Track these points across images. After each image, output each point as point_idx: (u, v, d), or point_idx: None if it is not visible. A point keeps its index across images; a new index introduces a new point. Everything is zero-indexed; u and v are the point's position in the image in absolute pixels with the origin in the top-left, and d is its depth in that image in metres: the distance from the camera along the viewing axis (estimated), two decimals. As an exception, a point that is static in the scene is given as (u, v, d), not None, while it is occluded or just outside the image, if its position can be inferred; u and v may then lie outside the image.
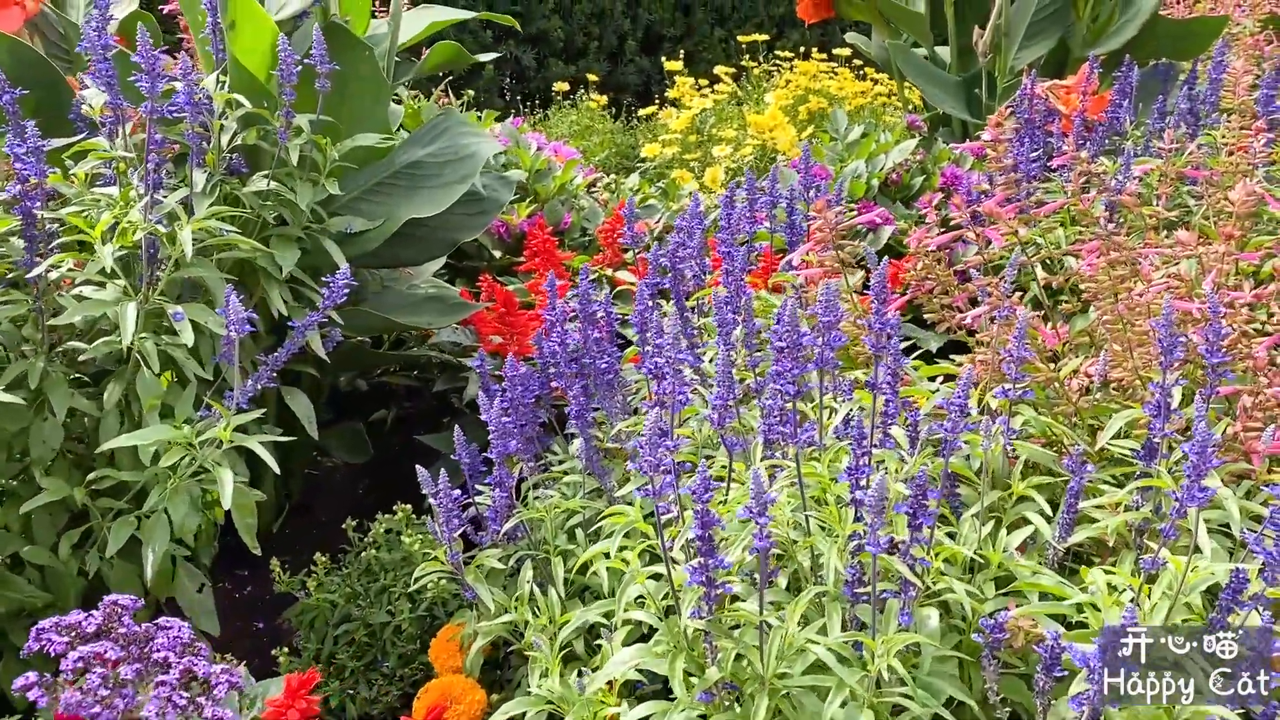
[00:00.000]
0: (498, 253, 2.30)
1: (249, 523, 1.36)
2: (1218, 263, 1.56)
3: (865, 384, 1.07)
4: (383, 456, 2.23)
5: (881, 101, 3.37)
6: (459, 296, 1.78)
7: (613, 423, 1.40)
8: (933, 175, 2.42)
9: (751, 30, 4.80)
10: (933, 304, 1.63)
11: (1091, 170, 1.83)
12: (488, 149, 1.58)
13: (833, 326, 1.12)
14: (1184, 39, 2.50)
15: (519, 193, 2.46)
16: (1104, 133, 2.26)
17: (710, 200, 2.75)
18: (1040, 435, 1.36)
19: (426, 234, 1.76)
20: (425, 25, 1.80)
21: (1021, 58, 2.63)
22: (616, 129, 3.53)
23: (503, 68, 4.16)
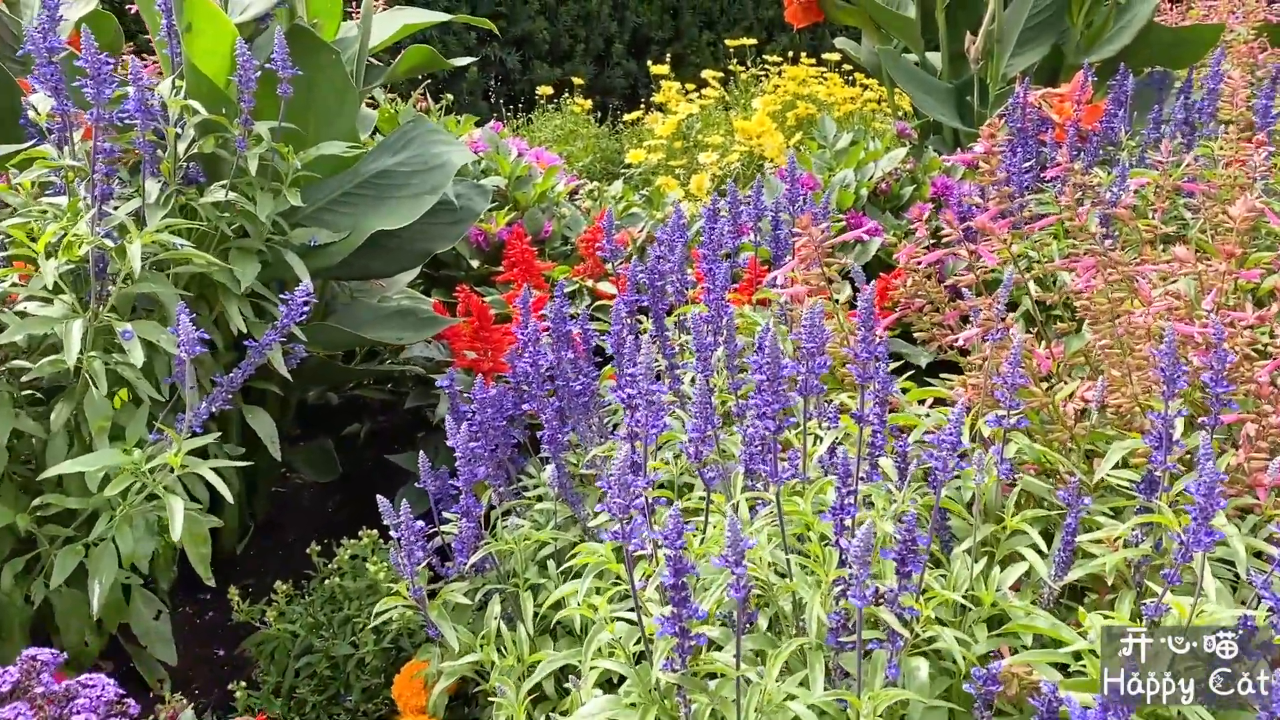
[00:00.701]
0: (475, 262, 2.23)
1: (203, 553, 1.29)
2: (1218, 281, 1.50)
3: (852, 415, 1.01)
4: (354, 472, 2.16)
5: (871, 108, 3.32)
6: (431, 310, 1.71)
7: (588, 448, 1.33)
8: (923, 185, 2.36)
9: (740, 34, 4.74)
10: (923, 322, 1.57)
11: (1086, 182, 1.77)
12: (459, 158, 1.51)
13: (817, 353, 1.06)
14: (1179, 47, 2.45)
15: (498, 200, 2.39)
16: (1099, 143, 2.21)
17: (694, 209, 2.69)
18: (1034, 463, 1.30)
19: (397, 245, 1.69)
20: (398, 28, 1.73)
21: (1014, 65, 2.57)
22: (601, 133, 3.46)
23: (487, 70, 4.09)
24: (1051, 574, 1.11)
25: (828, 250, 1.29)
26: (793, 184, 1.54)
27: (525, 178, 2.41)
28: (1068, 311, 1.67)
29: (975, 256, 1.35)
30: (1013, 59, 2.58)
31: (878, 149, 2.45)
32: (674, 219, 1.63)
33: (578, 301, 2.18)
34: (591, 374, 1.42)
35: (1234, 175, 1.92)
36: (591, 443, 1.33)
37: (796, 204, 1.53)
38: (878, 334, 1.23)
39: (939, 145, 2.77)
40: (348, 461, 2.21)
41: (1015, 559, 1.17)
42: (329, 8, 1.73)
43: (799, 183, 1.55)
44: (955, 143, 2.76)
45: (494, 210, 2.35)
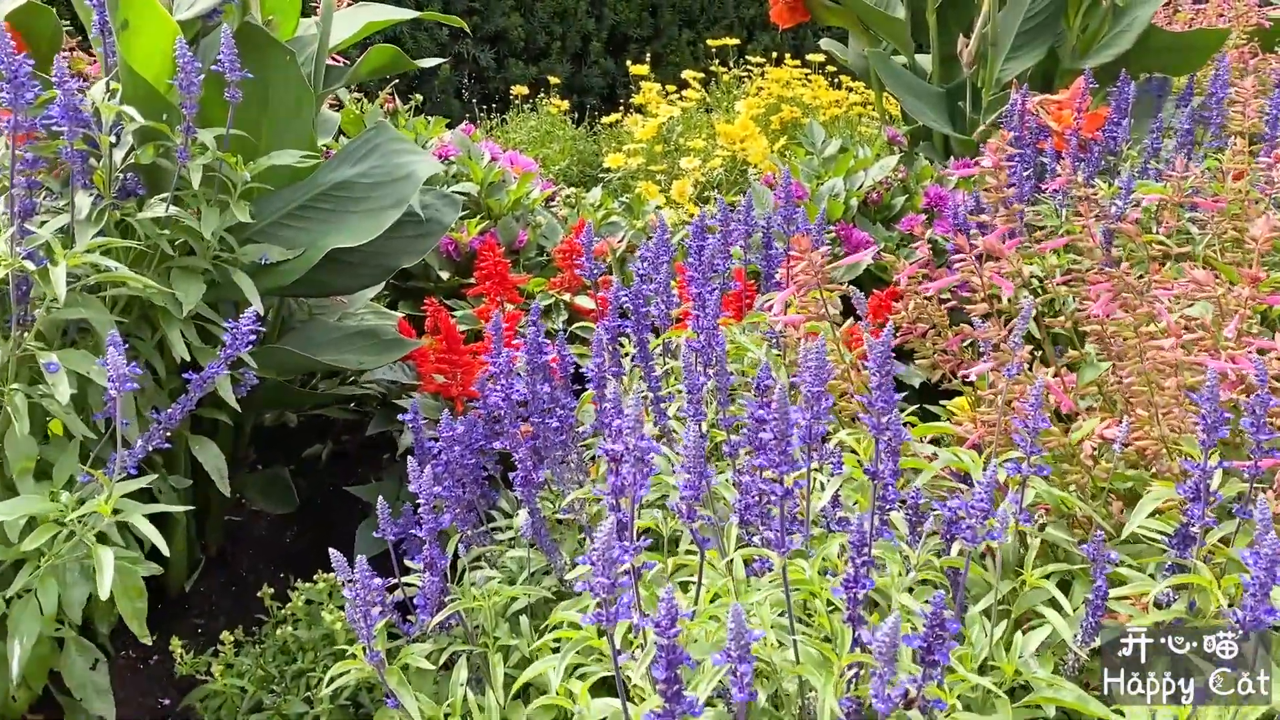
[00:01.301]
0: (445, 273, 2.11)
1: (138, 608, 1.16)
2: (1239, 306, 1.40)
3: (865, 469, 0.90)
4: (316, 496, 2.04)
5: (857, 111, 3.21)
6: (395, 332, 1.59)
7: (565, 490, 1.22)
8: (915, 195, 2.26)
9: (721, 33, 4.63)
10: (925, 348, 1.46)
11: (1090, 196, 1.67)
12: (426, 169, 1.39)
13: (821, 397, 0.95)
14: (1182, 52, 2.36)
15: (470, 207, 2.27)
16: (1100, 153, 2.11)
17: (676, 216, 2.57)
18: (1052, 507, 1.20)
19: (359, 260, 1.57)
20: (361, 26, 1.60)
21: (1009, 69, 2.48)
22: (579, 135, 3.34)
23: (460, 68, 3.96)
24: (1078, 640, 1.01)
25: (827, 276, 1.18)
26: (787, 201, 1.43)
27: (499, 184, 2.29)
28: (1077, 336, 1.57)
29: (987, 285, 1.24)
30: (1007, 63, 2.48)
31: (867, 156, 2.35)
32: (658, 234, 1.52)
33: (554, 316, 2.06)
34: (569, 406, 1.30)
35: (1245, 189, 1.82)
36: (569, 486, 1.21)
37: (791, 223, 1.42)
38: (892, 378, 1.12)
39: (929, 152, 2.67)
40: (309, 485, 2.08)
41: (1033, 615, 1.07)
42: (286, 4, 1.60)
43: (793, 199, 1.43)
44: (946, 149, 2.66)
45: (465, 218, 2.23)
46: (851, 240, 2.15)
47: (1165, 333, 1.43)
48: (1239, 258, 1.81)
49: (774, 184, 2.43)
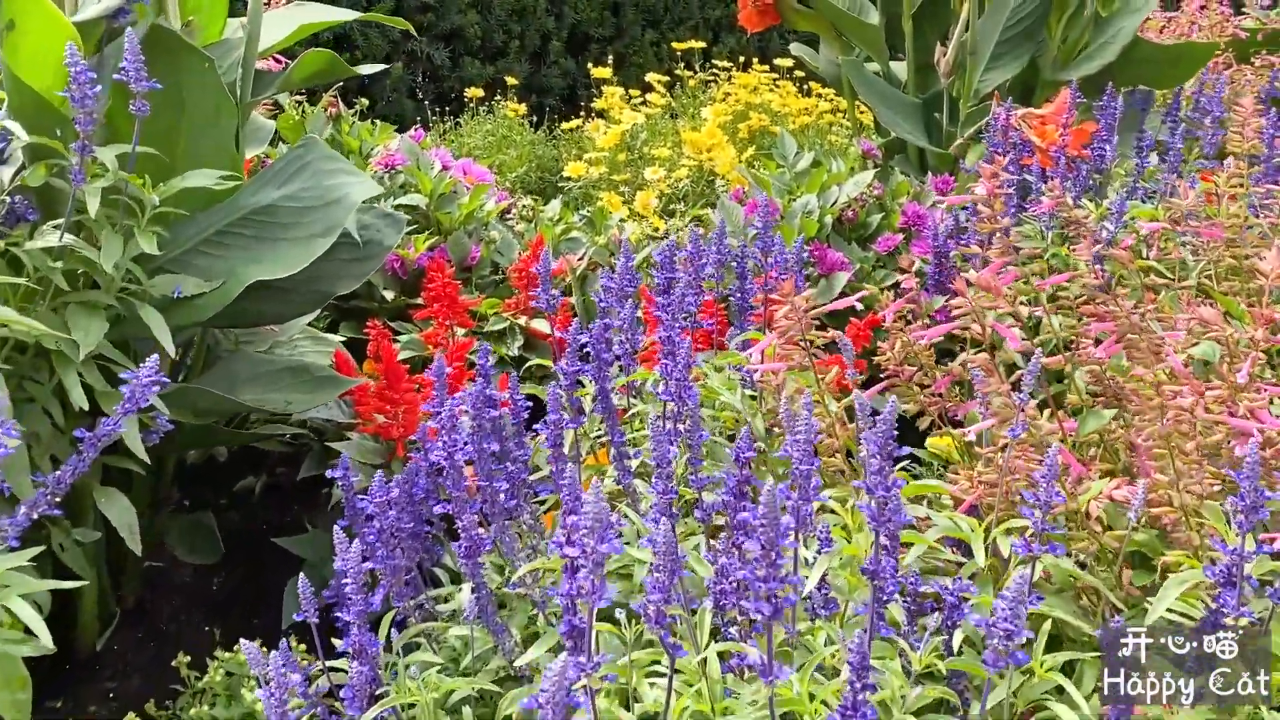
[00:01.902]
0: (389, 293, 1.96)
1: (18, 699, 1.01)
2: (1252, 349, 1.29)
3: (863, 569, 0.77)
4: (246, 533, 1.88)
5: (827, 120, 3.09)
6: (329, 368, 1.44)
7: (515, 562, 1.08)
8: (892, 213, 2.14)
9: (686, 34, 4.50)
10: (911, 392, 1.34)
11: (1081, 220, 1.56)
12: (361, 191, 1.24)
13: (810, 475, 0.82)
14: (1168, 65, 2.26)
15: (418, 221, 2.12)
16: (1087, 172, 2.00)
17: (640, 230, 2.44)
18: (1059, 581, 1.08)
19: (291, 286, 1.41)
20: (294, 28, 1.45)
21: (988, 79, 2.36)
22: (538, 140, 3.19)
23: (413, 66, 3.79)
24: (1097, 745, 0.89)
25: (811, 322, 1.05)
26: (765, 230, 1.29)
27: (450, 195, 2.14)
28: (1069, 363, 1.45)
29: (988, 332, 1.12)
30: (986, 73, 2.37)
31: (841, 171, 2.23)
32: (621, 261, 1.38)
33: (509, 341, 1.92)
34: (522, 459, 1.16)
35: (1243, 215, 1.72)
36: (519, 558, 1.08)
37: (769, 253, 1.29)
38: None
39: (904, 165, 2.55)
40: (240, 520, 1.92)
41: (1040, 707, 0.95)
42: (212, 4, 1.45)
43: (770, 225, 1.30)
44: (921, 162, 2.55)
45: (413, 233, 2.08)
46: (826, 261, 2.03)
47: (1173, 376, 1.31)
48: (1236, 286, 1.70)
49: (744, 198, 2.30)
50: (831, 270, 2.03)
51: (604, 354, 1.11)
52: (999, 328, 1.07)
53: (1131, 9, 2.24)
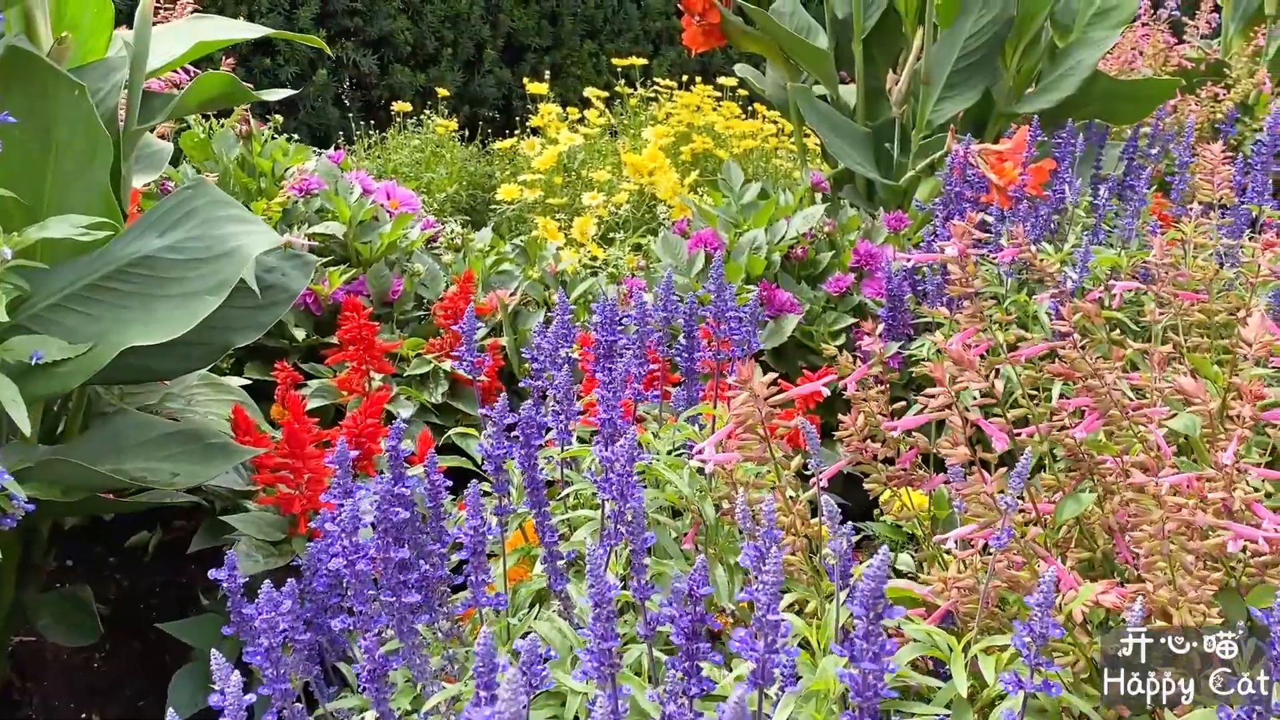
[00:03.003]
0: (301, 332, 1.79)
1: None
2: (1236, 426, 1.19)
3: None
4: (135, 596, 1.70)
5: (773, 144, 2.98)
6: (222, 433, 1.27)
7: (425, 689, 0.93)
8: (843, 251, 2.03)
9: (626, 45, 4.36)
10: (876, 469, 1.22)
11: (1047, 271, 1.46)
12: (256, 243, 1.08)
13: (778, 625, 0.69)
14: (1128, 101, 2.18)
15: (336, 251, 1.95)
16: (1047, 214, 1.91)
17: (577, 259, 2.30)
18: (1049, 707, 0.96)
19: (188, 335, 1.25)
20: (189, 46, 1.28)
21: (942, 110, 2.27)
22: (470, 155, 3.03)
23: (339, 73, 3.60)
24: None
25: (773, 410, 0.92)
26: (719, 296, 1.16)
27: (371, 223, 1.97)
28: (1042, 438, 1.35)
29: (966, 422, 1.00)
30: (940, 103, 2.27)
31: (789, 204, 2.11)
32: (558, 318, 1.24)
33: (432, 387, 1.76)
34: (437, 553, 1.01)
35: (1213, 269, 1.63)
36: (431, 684, 0.93)
37: (723, 319, 1.15)
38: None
39: (853, 196, 2.45)
40: (130, 581, 1.74)
41: None
42: (94, 15, 1.28)
43: (723, 289, 1.17)
44: (870, 194, 2.45)
45: (330, 264, 1.91)
46: (775, 302, 1.91)
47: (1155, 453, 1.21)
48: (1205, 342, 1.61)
49: (687, 230, 2.17)
50: (781, 311, 1.91)
51: (534, 439, 0.96)
52: (984, 425, 0.95)
53: (1090, 42, 2.16)
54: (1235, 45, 3.41)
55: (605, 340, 1.15)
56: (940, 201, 1.93)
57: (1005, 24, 2.20)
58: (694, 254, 1.99)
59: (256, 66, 3.38)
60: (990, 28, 2.20)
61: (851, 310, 1.94)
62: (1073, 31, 2.21)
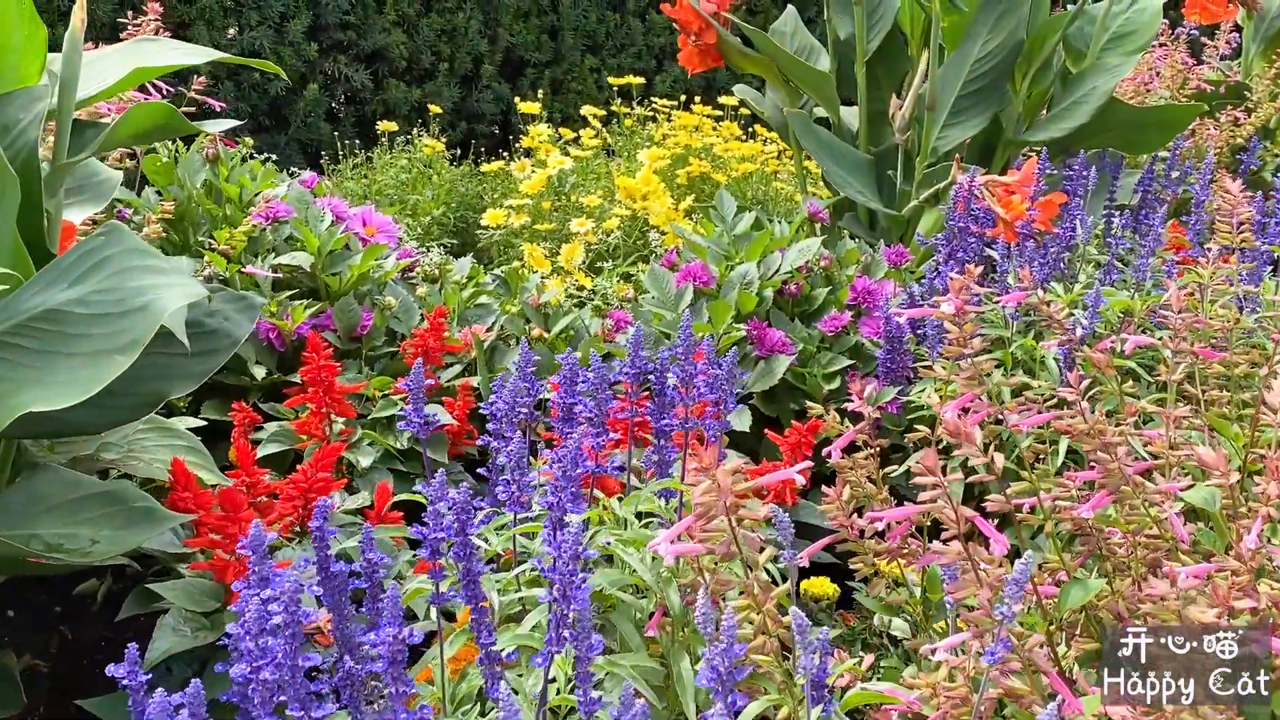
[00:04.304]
0: (261, 370, 1.69)
1: None
2: (1261, 504, 1.07)
3: None
4: (83, 654, 1.60)
5: (773, 167, 2.87)
6: (147, 497, 1.17)
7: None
8: (840, 287, 1.92)
9: (629, 60, 4.27)
10: (862, 549, 1.11)
11: (1054, 317, 1.36)
12: (174, 297, 0.98)
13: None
14: (1144, 129, 2.07)
15: (305, 283, 1.85)
16: (1057, 252, 1.80)
17: (563, 288, 2.19)
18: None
19: (112, 386, 1.15)
20: (128, 73, 1.19)
21: (948, 137, 2.16)
22: (461, 174, 2.93)
23: (331, 87, 3.51)
24: None
25: (740, 500, 0.81)
26: (685, 358, 1.05)
27: (342, 253, 1.87)
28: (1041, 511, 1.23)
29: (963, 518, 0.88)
30: (945, 130, 2.16)
31: (784, 235, 2.00)
32: (514, 379, 1.13)
33: (398, 431, 1.65)
34: (365, 658, 0.90)
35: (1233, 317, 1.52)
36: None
37: (690, 384, 1.04)
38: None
39: (853, 225, 2.34)
40: (75, 635, 1.64)
41: None
42: (26, 39, 1.18)
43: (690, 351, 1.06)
44: (872, 223, 2.34)
45: (297, 297, 1.81)
46: (766, 342, 1.80)
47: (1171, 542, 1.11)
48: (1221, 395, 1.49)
49: (676, 263, 2.07)
50: (771, 352, 1.80)
51: (468, 526, 0.86)
52: (982, 525, 0.84)
53: (1105, 68, 2.05)
54: (1256, 67, 3.29)
55: (564, 401, 1.05)
56: (943, 237, 1.82)
57: (1015, 48, 2.09)
58: (682, 288, 1.89)
59: (245, 81, 3.29)
60: (999, 51, 2.09)
61: (848, 351, 1.83)
62: (1086, 57, 2.10)
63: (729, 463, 0.79)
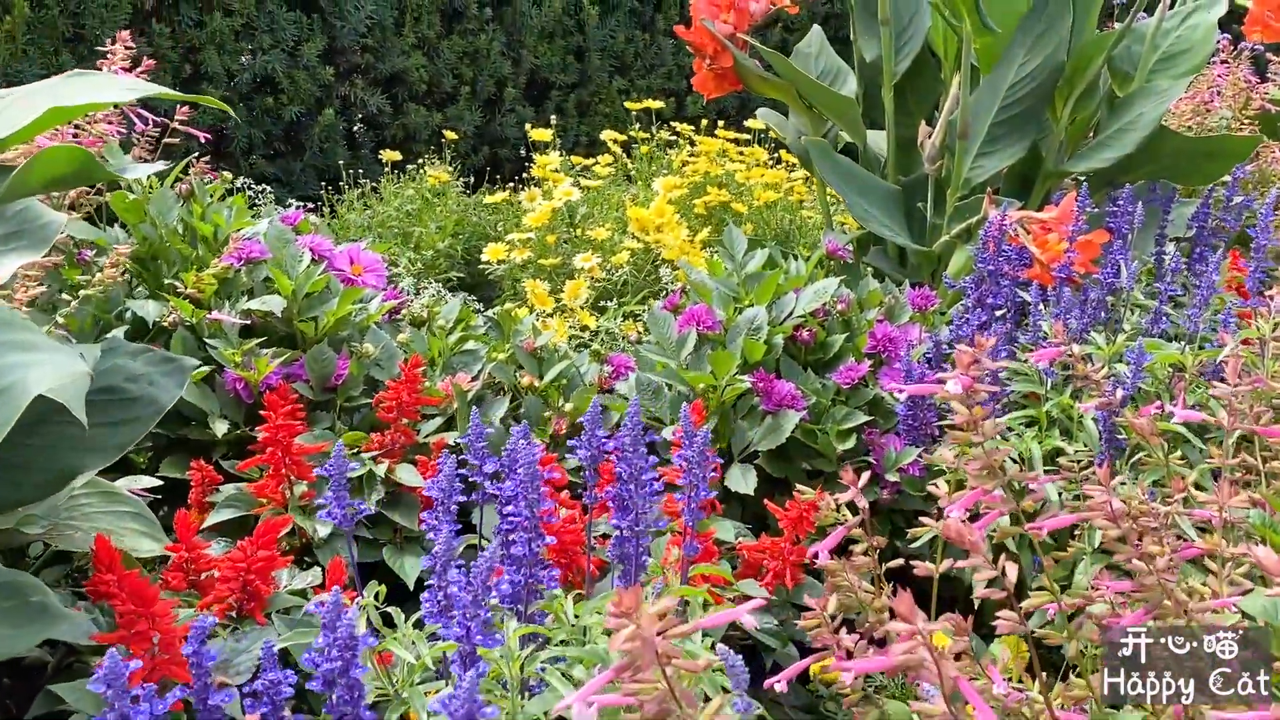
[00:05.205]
0: (223, 425, 1.56)
1: None
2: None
3: None
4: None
5: (799, 195, 2.71)
6: (44, 590, 1.04)
7: None
8: (859, 333, 1.75)
9: (658, 80, 4.13)
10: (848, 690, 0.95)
11: (1091, 378, 1.19)
12: (39, 379, 0.85)
13: None
14: (1198, 159, 1.88)
15: (280, 330, 1.73)
16: (1099, 296, 1.62)
17: (566, 328, 2.06)
18: None
19: (15, 461, 1.03)
20: (43, 113, 1.07)
21: (981, 167, 1.99)
22: (472, 204, 2.81)
23: (348, 112, 3.42)
24: None
25: (672, 653, 0.66)
26: (633, 451, 0.89)
27: (321, 295, 1.75)
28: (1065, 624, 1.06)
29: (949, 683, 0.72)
30: (979, 159, 1.99)
31: (800, 274, 1.84)
32: (445, 469, 0.99)
33: (366, 492, 1.52)
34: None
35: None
36: None
37: (641, 485, 0.89)
38: None
39: (880, 260, 2.17)
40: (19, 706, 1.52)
41: None
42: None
43: (638, 444, 0.90)
44: (901, 258, 2.17)
45: (270, 345, 1.69)
46: (773, 395, 1.64)
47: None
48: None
49: (680, 305, 1.91)
50: (780, 406, 1.64)
51: (353, 665, 0.71)
52: (971, 695, 0.67)
53: (1154, 92, 1.87)
54: (1325, 86, 3.07)
55: (506, 493, 0.90)
56: (972, 280, 1.65)
57: (1055, 70, 1.91)
58: (684, 334, 1.74)
59: (259, 106, 3.21)
60: (1038, 74, 1.92)
61: (866, 405, 1.66)
62: (1134, 79, 1.92)
63: (659, 603, 0.64)
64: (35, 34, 2.70)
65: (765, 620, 1.29)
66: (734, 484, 1.57)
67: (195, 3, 3.02)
